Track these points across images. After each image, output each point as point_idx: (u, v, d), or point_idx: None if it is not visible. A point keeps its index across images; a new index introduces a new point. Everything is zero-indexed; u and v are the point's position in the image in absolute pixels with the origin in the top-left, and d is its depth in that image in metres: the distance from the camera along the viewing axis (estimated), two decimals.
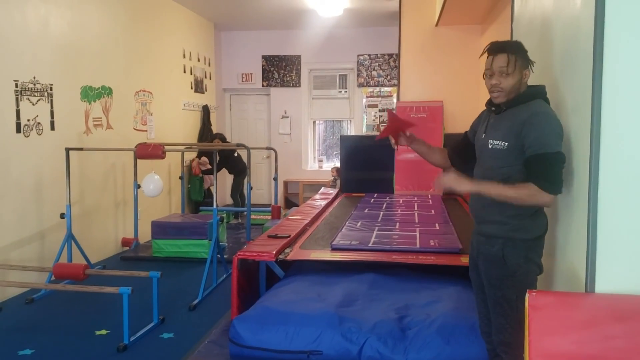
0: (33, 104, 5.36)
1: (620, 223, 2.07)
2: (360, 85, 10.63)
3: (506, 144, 2.42)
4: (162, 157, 5.47)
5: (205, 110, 9.74)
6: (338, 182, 10.14)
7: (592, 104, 2.08)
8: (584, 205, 2.15)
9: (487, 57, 2.50)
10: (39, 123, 5.44)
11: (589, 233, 2.10)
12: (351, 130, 10.86)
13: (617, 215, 2.08)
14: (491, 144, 2.49)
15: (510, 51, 2.42)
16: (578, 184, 2.29)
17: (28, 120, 5.29)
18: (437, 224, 5.07)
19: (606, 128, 2.07)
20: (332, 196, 7.05)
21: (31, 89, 5.32)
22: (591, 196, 2.09)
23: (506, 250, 2.42)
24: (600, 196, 2.08)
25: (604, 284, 2.08)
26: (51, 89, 5.61)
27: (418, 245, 4.19)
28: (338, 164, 10.36)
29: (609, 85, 2.06)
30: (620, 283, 2.07)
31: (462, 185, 2.47)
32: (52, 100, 5.63)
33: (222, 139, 9.11)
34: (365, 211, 5.87)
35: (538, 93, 2.47)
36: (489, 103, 2.58)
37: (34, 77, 5.37)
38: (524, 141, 2.36)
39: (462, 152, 2.80)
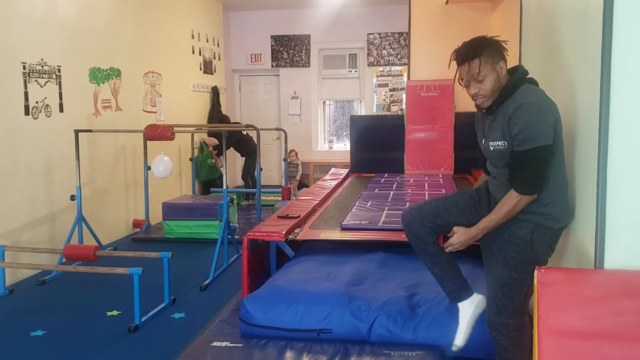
0: (41, 86, 5.36)
1: (629, 199, 2.05)
2: (370, 64, 10.56)
3: (505, 142, 2.39)
4: (172, 139, 5.47)
5: (215, 92, 9.72)
6: (300, 166, 9.91)
7: (602, 81, 2.05)
8: (593, 182, 2.13)
9: (457, 67, 2.46)
10: (47, 105, 5.45)
11: (598, 209, 2.08)
12: (361, 110, 10.80)
13: (626, 191, 2.06)
14: (492, 146, 2.46)
15: (472, 57, 2.38)
16: (587, 161, 2.27)
17: (36, 102, 5.30)
18: None
19: (615, 106, 2.04)
20: (342, 177, 7.02)
21: (39, 70, 5.32)
22: (600, 172, 2.07)
23: (535, 235, 2.40)
24: (609, 172, 2.06)
25: (613, 260, 2.07)
26: (59, 70, 5.61)
27: None
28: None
29: (618, 63, 2.03)
30: (629, 259, 2.05)
31: (469, 240, 2.55)
32: (60, 82, 5.63)
33: (225, 121, 9.09)
34: (376, 191, 5.85)
35: (520, 79, 2.42)
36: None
37: (42, 59, 5.36)
38: (512, 136, 2.35)
39: None
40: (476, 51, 2.37)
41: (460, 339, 2.73)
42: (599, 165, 2.07)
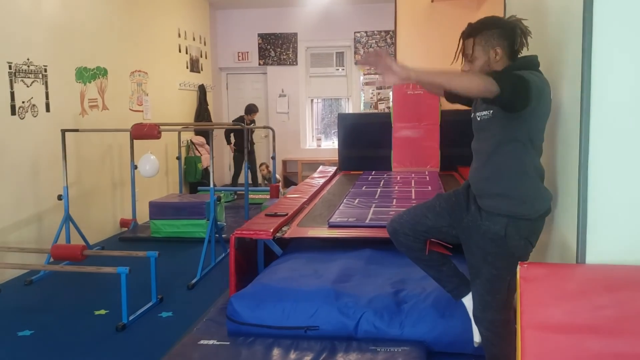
0: (27, 86, 5.33)
1: (610, 196, 2.09)
2: (357, 62, 10.58)
3: (491, 111, 2.41)
4: (158, 137, 5.47)
5: (202, 90, 9.71)
6: (277, 179, 9.50)
7: (582, 76, 2.09)
8: (575, 179, 2.16)
9: None
10: (34, 105, 5.42)
11: (580, 206, 2.12)
12: (349, 108, 10.83)
13: (607, 188, 2.09)
14: (479, 117, 2.49)
15: (467, 36, 2.44)
16: (568, 156, 2.30)
17: (23, 102, 5.27)
18: None
19: (596, 101, 2.07)
20: (330, 174, 7.04)
21: (25, 70, 5.29)
22: (581, 169, 2.10)
23: (509, 230, 2.40)
24: (590, 169, 2.09)
25: (594, 255, 2.10)
26: (45, 70, 5.59)
27: None
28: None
29: (598, 58, 2.06)
30: (610, 254, 2.09)
31: (394, 74, 2.13)
32: (46, 82, 5.61)
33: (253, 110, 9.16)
34: (363, 188, 5.87)
35: (521, 66, 2.41)
36: None
37: (28, 59, 5.34)
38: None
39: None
40: (473, 31, 2.43)
41: (477, 335, 2.76)
42: (580, 161, 2.10)
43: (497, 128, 2.41)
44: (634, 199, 2.07)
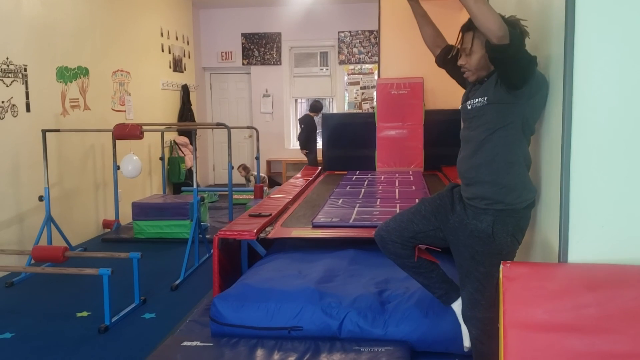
0: (7, 86, 5.27)
1: (592, 195, 2.10)
2: (341, 62, 10.60)
3: (486, 98, 2.41)
4: (140, 138, 5.43)
5: (185, 90, 9.66)
6: (253, 180, 9.51)
7: (565, 75, 2.09)
8: (557, 178, 2.16)
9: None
10: (13, 105, 5.36)
11: (562, 205, 2.12)
12: (333, 108, 10.83)
13: (589, 187, 2.10)
14: (470, 105, 2.49)
15: (466, 30, 2.43)
16: (551, 155, 2.30)
17: (2, 102, 5.21)
18: (417, 200, 5.06)
19: (578, 102, 2.08)
20: (314, 175, 7.04)
21: (4, 70, 5.23)
22: (564, 168, 2.11)
23: (496, 227, 2.41)
24: (572, 168, 2.10)
25: (576, 255, 2.11)
26: (25, 69, 5.52)
27: None
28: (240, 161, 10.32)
29: (580, 58, 2.07)
30: (592, 253, 2.10)
31: None
32: (26, 82, 5.54)
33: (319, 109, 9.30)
34: (347, 188, 5.87)
35: None
36: None
37: (7, 58, 5.28)
38: (499, 77, 2.35)
39: (447, 57, 2.76)
40: (473, 24, 2.37)
41: (467, 340, 2.77)
42: (562, 160, 2.11)
43: (491, 114, 2.41)
44: (615, 198, 2.08)
